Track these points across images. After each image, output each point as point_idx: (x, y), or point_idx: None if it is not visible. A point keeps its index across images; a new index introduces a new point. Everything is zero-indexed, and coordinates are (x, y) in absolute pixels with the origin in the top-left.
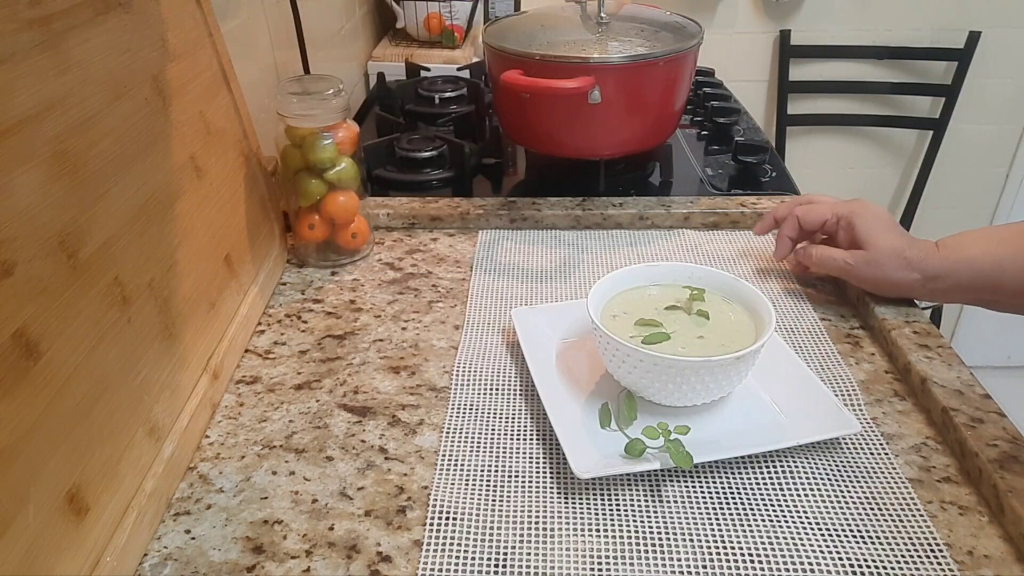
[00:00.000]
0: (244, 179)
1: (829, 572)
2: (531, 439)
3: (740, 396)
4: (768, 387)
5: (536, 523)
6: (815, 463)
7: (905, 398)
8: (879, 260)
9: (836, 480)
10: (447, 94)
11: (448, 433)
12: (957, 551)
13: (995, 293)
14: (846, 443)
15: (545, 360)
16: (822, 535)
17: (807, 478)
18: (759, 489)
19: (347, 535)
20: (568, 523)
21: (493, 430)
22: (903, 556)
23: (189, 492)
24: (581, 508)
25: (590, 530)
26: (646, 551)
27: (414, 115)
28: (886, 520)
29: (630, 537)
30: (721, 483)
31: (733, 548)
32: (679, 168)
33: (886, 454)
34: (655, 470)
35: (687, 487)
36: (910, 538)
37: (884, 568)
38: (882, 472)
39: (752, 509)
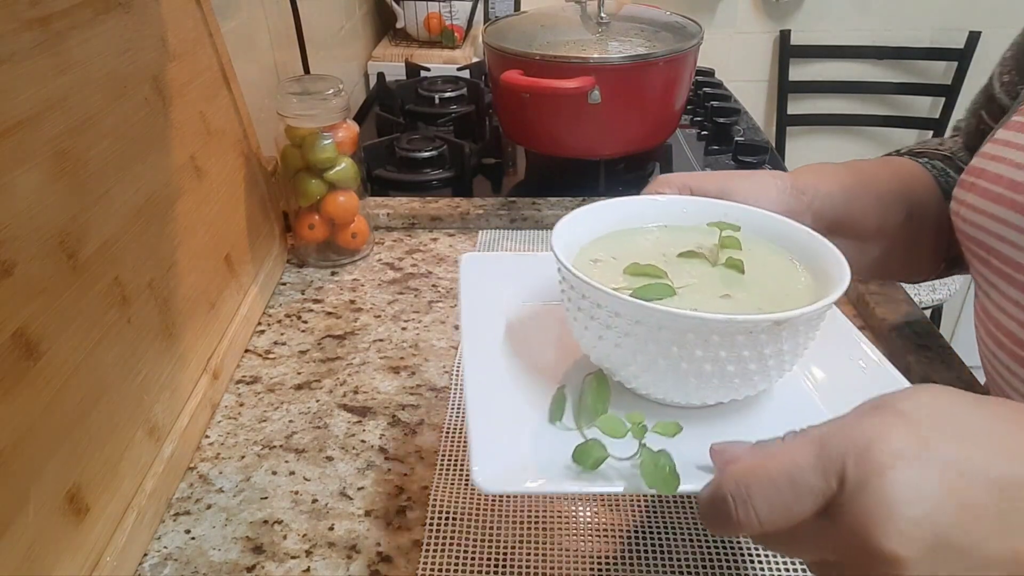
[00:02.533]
0: (244, 179)
1: None
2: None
3: (781, 400)
4: (827, 391)
5: (536, 523)
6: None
7: None
8: (750, 200)
9: None
10: (447, 94)
11: (448, 433)
12: None
13: (854, 223)
14: None
15: (491, 322)
16: None
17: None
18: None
19: (347, 535)
20: (568, 523)
21: None
22: None
23: (189, 492)
24: (581, 508)
25: (590, 530)
26: (646, 551)
27: (414, 115)
28: None
29: (630, 537)
30: None
31: (733, 548)
32: (679, 168)
33: None
34: (615, 494)
35: None
36: None
37: None
38: None
39: None
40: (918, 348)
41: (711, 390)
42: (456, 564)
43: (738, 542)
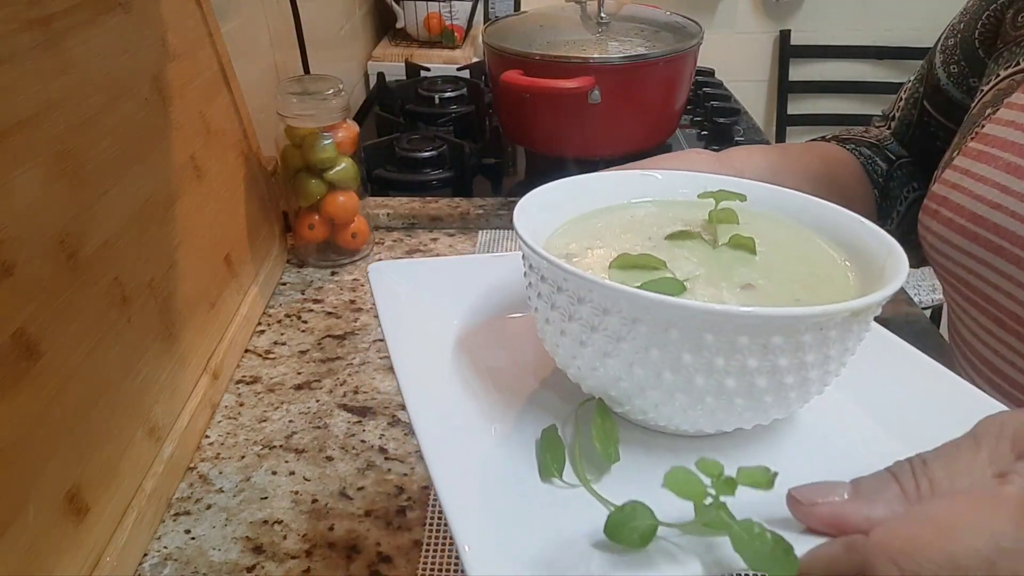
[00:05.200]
0: (244, 179)
1: None
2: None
3: (809, 416)
4: (875, 407)
5: None
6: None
7: None
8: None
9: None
10: (447, 94)
11: None
12: None
13: None
14: None
15: (429, 348)
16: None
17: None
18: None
19: (347, 535)
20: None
21: None
22: None
23: (189, 492)
24: None
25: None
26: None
27: (414, 115)
28: None
29: None
30: None
31: None
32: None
33: None
34: None
35: None
36: None
37: None
38: None
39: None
40: (918, 348)
41: (731, 413)
42: (456, 564)
43: None
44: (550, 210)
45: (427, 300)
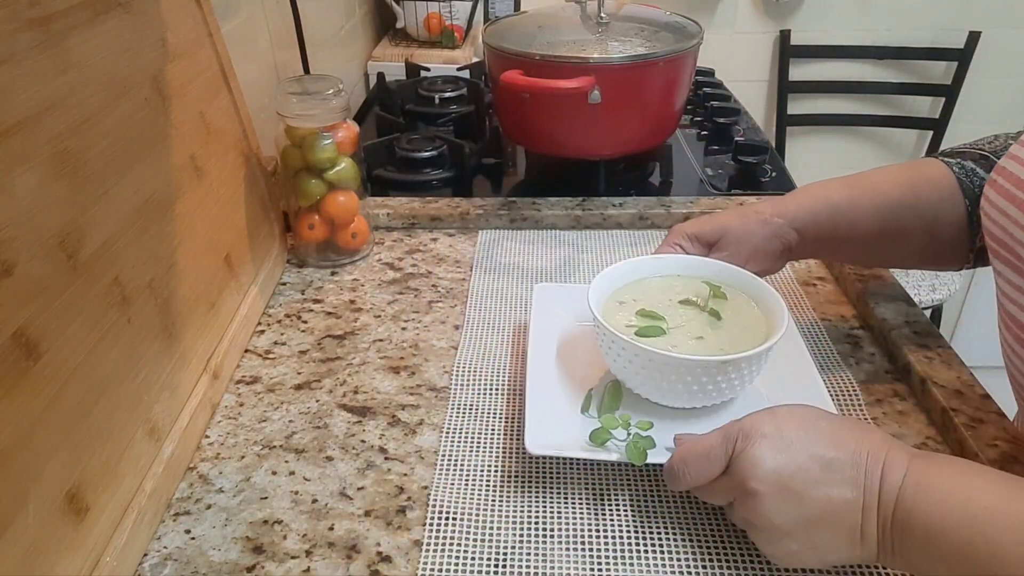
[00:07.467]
0: (244, 179)
1: (828, 571)
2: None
3: (739, 405)
4: (776, 399)
5: (536, 523)
6: None
7: (905, 398)
8: (738, 235)
9: None
10: (447, 94)
11: (448, 433)
12: None
13: (850, 231)
14: None
15: (549, 339)
16: None
17: None
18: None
19: (347, 535)
20: (568, 523)
21: (493, 430)
22: None
23: (189, 492)
24: (581, 508)
25: (590, 530)
26: (646, 551)
27: (414, 115)
28: None
29: (630, 537)
30: None
31: (733, 548)
32: (679, 168)
33: None
34: (612, 462)
35: None
36: None
37: (883, 567)
38: None
39: None
40: (918, 348)
41: (689, 397)
42: (456, 564)
43: (737, 542)
44: (608, 283)
45: (560, 311)
